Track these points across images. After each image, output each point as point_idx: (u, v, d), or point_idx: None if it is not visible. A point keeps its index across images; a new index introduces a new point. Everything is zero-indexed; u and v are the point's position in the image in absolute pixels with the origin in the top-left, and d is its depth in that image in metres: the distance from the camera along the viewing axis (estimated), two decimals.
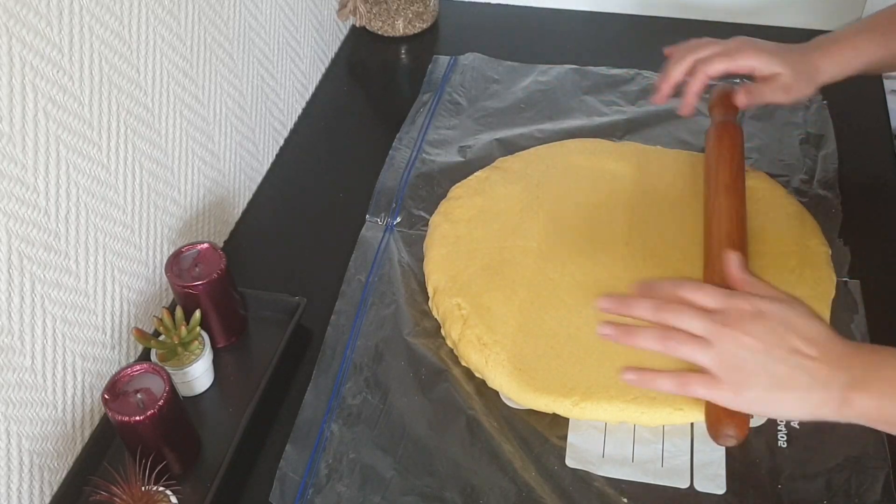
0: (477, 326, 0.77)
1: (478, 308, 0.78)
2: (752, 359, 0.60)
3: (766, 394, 0.60)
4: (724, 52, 0.84)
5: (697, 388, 0.62)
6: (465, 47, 1.13)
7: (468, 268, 0.82)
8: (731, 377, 0.61)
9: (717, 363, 0.61)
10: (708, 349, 0.61)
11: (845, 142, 0.96)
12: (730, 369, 0.61)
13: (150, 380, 0.68)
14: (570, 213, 0.88)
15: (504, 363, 0.74)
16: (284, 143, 1.04)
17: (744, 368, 0.60)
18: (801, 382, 0.60)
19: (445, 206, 0.90)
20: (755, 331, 0.61)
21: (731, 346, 0.61)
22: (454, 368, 0.77)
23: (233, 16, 0.88)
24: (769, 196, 0.88)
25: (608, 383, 0.72)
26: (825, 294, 0.79)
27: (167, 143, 0.80)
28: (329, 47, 1.15)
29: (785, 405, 0.61)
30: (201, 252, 0.77)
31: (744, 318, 0.61)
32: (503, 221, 0.87)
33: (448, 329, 0.78)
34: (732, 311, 0.62)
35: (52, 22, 0.63)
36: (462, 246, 0.85)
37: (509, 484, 0.69)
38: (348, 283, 0.84)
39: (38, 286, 0.66)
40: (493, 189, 0.91)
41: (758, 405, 0.61)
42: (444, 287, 0.81)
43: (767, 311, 0.62)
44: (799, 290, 0.78)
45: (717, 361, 0.61)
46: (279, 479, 0.70)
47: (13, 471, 0.65)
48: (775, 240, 0.83)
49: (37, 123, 0.63)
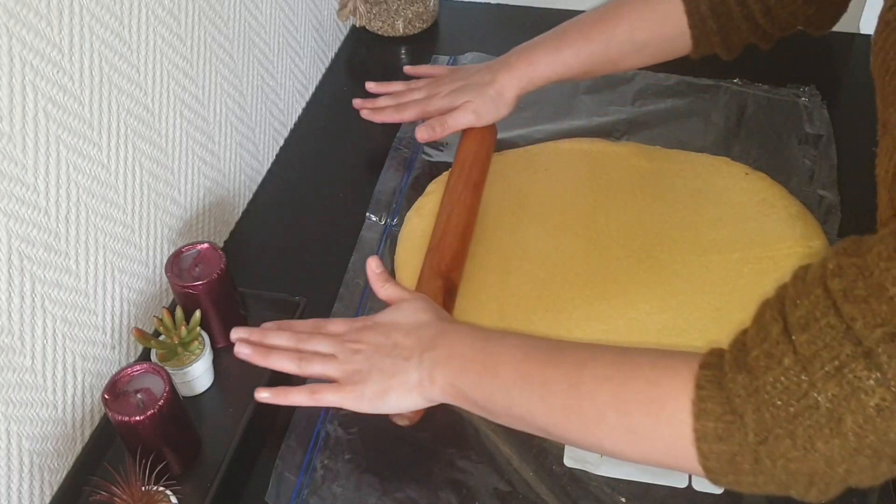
0: None
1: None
2: (364, 361, 0.66)
3: (379, 387, 0.65)
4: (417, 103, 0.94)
5: (326, 395, 0.66)
6: (465, 47, 1.13)
7: None
8: (352, 380, 0.66)
9: (340, 372, 0.66)
10: (332, 362, 0.67)
11: (845, 142, 0.96)
12: (350, 374, 0.66)
13: (150, 380, 0.68)
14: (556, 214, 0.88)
15: None
16: (284, 143, 1.04)
17: (360, 371, 0.66)
18: (400, 368, 0.65)
19: (420, 200, 0.91)
20: (365, 338, 0.67)
21: (349, 355, 0.67)
22: None
23: (233, 16, 0.88)
24: (770, 197, 0.88)
25: None
26: None
27: (167, 143, 0.80)
28: (329, 47, 1.15)
29: (394, 393, 0.65)
30: (201, 252, 0.77)
31: (361, 331, 0.68)
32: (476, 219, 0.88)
33: None
34: (354, 329, 0.69)
35: (52, 22, 0.63)
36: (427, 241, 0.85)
37: (506, 484, 0.69)
38: (347, 286, 0.84)
39: (38, 286, 0.66)
40: None
41: (377, 401, 0.66)
42: (409, 285, 0.81)
43: (379, 319, 0.69)
44: None
45: (340, 371, 0.66)
46: (275, 479, 0.70)
47: (13, 471, 0.66)
48: (777, 240, 0.83)
49: (37, 123, 0.63)
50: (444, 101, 0.92)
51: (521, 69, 0.89)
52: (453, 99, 0.91)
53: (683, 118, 1.01)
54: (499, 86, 0.89)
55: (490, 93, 0.89)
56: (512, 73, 0.89)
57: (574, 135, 0.99)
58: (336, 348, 0.68)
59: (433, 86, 0.95)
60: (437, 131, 0.91)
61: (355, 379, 0.66)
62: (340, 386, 0.66)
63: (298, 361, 0.68)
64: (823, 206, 0.89)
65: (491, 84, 0.89)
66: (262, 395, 0.68)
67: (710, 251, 0.83)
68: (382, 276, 0.73)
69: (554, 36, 0.89)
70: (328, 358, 0.67)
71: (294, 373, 0.68)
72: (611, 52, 0.86)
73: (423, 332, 0.66)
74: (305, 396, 0.67)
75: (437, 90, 0.94)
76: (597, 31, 0.86)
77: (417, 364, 0.65)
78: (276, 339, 0.70)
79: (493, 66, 0.91)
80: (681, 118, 1.01)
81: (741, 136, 0.98)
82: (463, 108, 0.90)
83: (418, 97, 0.95)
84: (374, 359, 0.66)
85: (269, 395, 0.68)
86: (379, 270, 0.74)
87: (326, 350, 0.68)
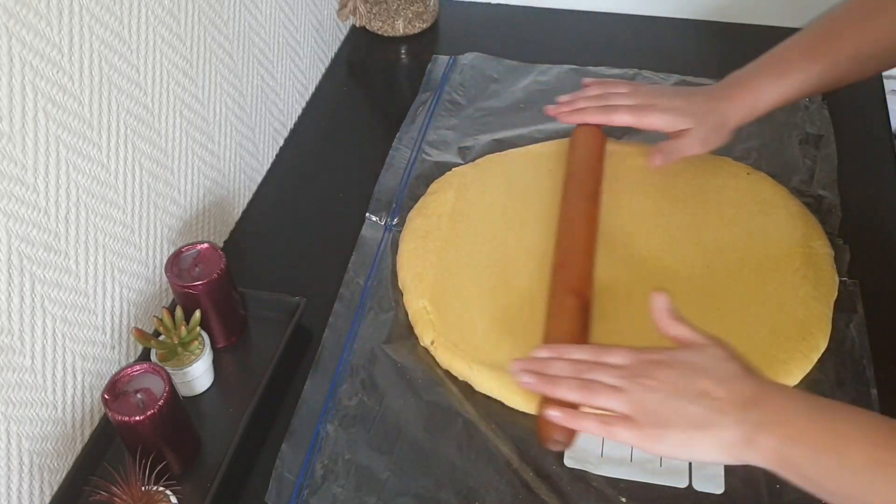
0: (449, 333, 0.77)
1: (444, 312, 0.79)
2: (663, 402, 0.62)
3: (685, 435, 0.61)
4: (631, 109, 0.89)
5: (620, 431, 0.63)
6: (464, 47, 1.13)
7: (434, 265, 0.83)
8: (648, 420, 0.62)
9: (632, 408, 0.63)
10: (621, 395, 0.64)
11: (845, 142, 0.96)
12: (646, 414, 0.63)
13: (150, 380, 0.68)
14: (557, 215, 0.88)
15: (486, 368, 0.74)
16: (284, 143, 1.04)
17: (657, 412, 0.62)
18: (713, 421, 0.61)
19: (423, 200, 0.91)
20: (662, 376, 0.63)
21: (641, 393, 0.63)
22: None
23: (233, 16, 0.88)
24: (772, 197, 0.88)
25: None
26: (827, 295, 0.79)
27: (167, 143, 0.80)
28: (329, 47, 1.15)
29: (703, 445, 0.62)
30: (201, 252, 0.77)
31: (652, 366, 0.64)
32: (477, 220, 0.88)
33: (420, 332, 0.79)
34: (643, 362, 0.65)
35: (52, 22, 0.63)
36: (430, 242, 0.85)
37: (506, 485, 0.69)
38: (347, 286, 0.84)
39: (38, 286, 0.66)
40: (470, 187, 0.91)
41: (680, 448, 0.62)
42: (411, 286, 0.82)
43: (675, 358, 0.65)
44: (802, 290, 0.78)
45: (631, 406, 0.63)
46: (275, 480, 0.70)
47: (13, 471, 0.66)
48: (778, 240, 0.83)
49: (37, 123, 0.63)
50: (663, 119, 0.87)
51: (744, 98, 0.85)
52: (674, 121, 0.87)
53: None
54: (720, 115, 0.85)
55: (713, 122, 0.85)
56: (734, 102, 0.85)
57: None
58: (624, 382, 0.64)
59: (646, 95, 0.90)
60: (669, 158, 0.88)
61: (654, 420, 0.62)
62: (636, 424, 0.63)
63: (582, 391, 0.65)
64: (823, 206, 0.89)
65: (712, 113, 0.86)
66: (552, 413, 0.66)
67: (712, 251, 0.83)
68: (671, 312, 0.68)
69: (775, 60, 0.85)
70: (615, 390, 0.64)
71: (578, 402, 0.66)
72: (837, 72, 0.83)
73: (739, 386, 0.62)
74: (597, 427, 0.64)
75: (652, 101, 0.89)
76: (821, 53, 0.83)
77: (735, 422, 0.60)
78: (557, 370, 0.67)
79: (709, 94, 0.87)
80: None
81: (742, 136, 0.98)
82: (688, 134, 0.86)
83: (630, 103, 0.90)
84: (674, 402, 0.62)
85: (560, 415, 0.65)
86: (668, 307, 0.68)
87: (612, 382, 0.64)
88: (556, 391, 0.66)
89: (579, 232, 0.81)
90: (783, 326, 0.76)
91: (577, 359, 0.67)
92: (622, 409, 0.63)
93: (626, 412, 0.63)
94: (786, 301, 0.77)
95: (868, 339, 0.77)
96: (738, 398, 0.61)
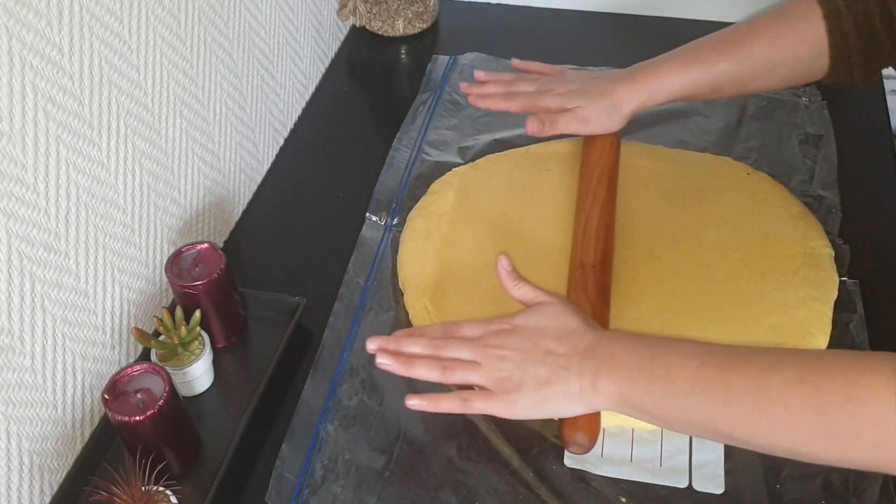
0: None
1: (445, 312, 0.79)
2: (514, 368, 0.65)
3: (536, 395, 0.65)
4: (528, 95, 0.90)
5: (476, 403, 0.66)
6: (464, 47, 1.13)
7: (435, 265, 0.83)
8: (502, 387, 0.65)
9: (487, 378, 0.66)
10: (477, 369, 0.66)
11: (845, 142, 0.96)
12: (499, 382, 0.65)
13: (150, 380, 0.68)
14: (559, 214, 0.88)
15: None
16: (284, 143, 1.04)
17: (510, 378, 0.65)
18: (558, 377, 0.64)
19: (423, 200, 0.91)
20: (511, 343, 0.67)
21: (495, 362, 0.66)
22: None
23: (233, 16, 0.88)
24: (772, 197, 0.88)
25: None
26: (828, 295, 0.78)
27: (167, 143, 0.80)
28: (329, 47, 1.15)
29: (553, 402, 0.65)
30: (201, 252, 0.77)
31: (501, 335, 0.67)
32: (477, 220, 0.88)
33: None
34: (492, 333, 0.68)
35: (52, 22, 0.63)
36: (431, 242, 0.85)
37: (506, 485, 0.69)
38: (347, 286, 0.84)
39: (38, 286, 0.66)
40: (471, 187, 0.91)
41: (532, 409, 0.65)
42: (412, 285, 0.82)
43: (521, 323, 0.68)
44: (802, 291, 0.78)
45: (486, 377, 0.66)
46: (275, 480, 0.70)
47: (13, 471, 0.66)
48: (778, 241, 0.83)
49: (37, 123, 0.63)
50: (555, 101, 0.88)
51: (644, 83, 0.85)
52: (566, 101, 0.88)
53: (684, 118, 1.00)
54: (616, 97, 0.85)
55: (605, 103, 0.86)
56: (634, 85, 0.85)
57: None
58: (478, 354, 0.67)
59: (547, 82, 0.91)
60: (545, 128, 0.87)
61: (507, 387, 0.65)
62: (491, 394, 0.65)
63: (442, 370, 0.67)
64: (823, 206, 0.89)
65: (608, 94, 0.86)
66: (413, 402, 0.67)
67: (712, 251, 0.83)
68: (514, 274, 0.72)
69: (684, 52, 0.86)
70: (471, 365, 0.66)
71: (437, 381, 0.67)
72: (744, 71, 0.83)
73: (577, 340, 0.66)
74: (457, 404, 0.66)
75: (550, 87, 0.90)
76: (731, 48, 0.83)
77: (577, 373, 0.64)
78: (413, 347, 0.69)
79: (613, 77, 0.88)
80: (681, 118, 1.01)
81: (742, 136, 0.98)
82: (573, 112, 0.87)
83: (529, 90, 0.91)
84: (525, 366, 0.65)
85: (421, 402, 0.67)
86: (510, 268, 0.72)
87: (468, 356, 0.67)
88: (412, 371, 0.68)
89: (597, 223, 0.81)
90: (783, 326, 0.76)
91: (433, 336, 0.69)
92: (480, 382, 0.66)
93: (483, 384, 0.66)
94: (786, 301, 0.77)
95: (868, 339, 0.77)
96: (577, 351, 0.65)
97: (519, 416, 0.66)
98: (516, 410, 0.65)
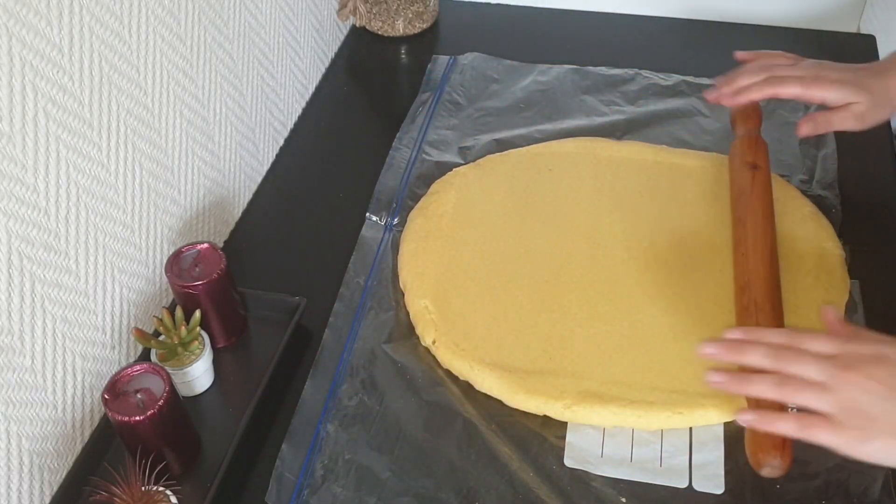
0: (451, 332, 0.77)
1: (445, 312, 0.79)
2: (876, 403, 0.57)
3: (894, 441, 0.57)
4: (800, 80, 0.81)
5: (820, 433, 0.58)
6: (464, 47, 1.13)
7: (436, 265, 0.83)
8: (855, 423, 0.57)
9: (839, 408, 0.58)
10: (827, 394, 0.58)
11: (845, 142, 0.96)
12: (852, 414, 0.57)
13: (150, 380, 0.68)
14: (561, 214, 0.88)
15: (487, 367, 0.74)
16: (284, 143, 1.04)
17: (868, 413, 0.57)
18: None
19: (424, 200, 0.91)
20: (877, 374, 0.58)
21: (853, 391, 0.58)
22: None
23: (233, 16, 0.88)
24: (783, 197, 0.87)
25: (603, 387, 0.72)
26: (839, 297, 0.78)
27: (167, 143, 0.80)
28: (329, 47, 1.15)
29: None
30: (201, 252, 0.77)
31: (863, 361, 0.59)
32: (478, 220, 0.88)
33: (421, 332, 0.79)
34: (851, 355, 0.60)
35: (52, 22, 0.63)
36: (432, 242, 0.85)
37: (506, 485, 0.69)
38: (347, 286, 0.84)
39: (38, 286, 0.66)
40: (471, 187, 0.91)
41: (884, 453, 0.58)
42: (413, 286, 0.82)
43: (889, 354, 0.59)
44: (814, 293, 0.78)
45: (838, 407, 0.58)
46: (275, 480, 0.70)
47: (13, 471, 0.66)
48: (791, 241, 0.82)
49: (37, 123, 0.63)
50: (830, 92, 0.80)
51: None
52: (843, 95, 0.79)
53: (684, 118, 1.00)
54: (886, 90, 0.79)
55: (877, 97, 0.79)
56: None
57: (575, 135, 0.98)
58: (830, 375, 0.58)
59: (812, 67, 0.82)
60: (819, 128, 0.82)
61: (859, 423, 0.57)
62: (841, 428, 0.57)
63: (780, 388, 0.60)
64: (823, 207, 0.89)
65: (880, 88, 0.79)
66: (747, 417, 0.61)
67: (720, 252, 0.82)
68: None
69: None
70: (817, 387, 0.59)
71: (770, 398, 0.61)
72: None
73: None
74: (793, 427, 0.59)
75: (820, 73, 0.81)
76: None
77: None
78: (752, 357, 0.62)
79: (879, 69, 0.81)
80: (681, 118, 1.01)
81: None
82: (848, 109, 0.79)
83: (798, 74, 0.82)
84: (887, 406, 0.57)
85: (754, 418, 0.61)
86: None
87: (816, 376, 0.59)
88: (750, 389, 0.61)
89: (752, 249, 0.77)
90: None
91: (773, 342, 0.62)
92: (825, 409, 0.58)
93: (828, 411, 0.58)
94: (799, 304, 0.77)
95: None
96: None
97: (865, 457, 0.58)
98: (866, 451, 0.58)
